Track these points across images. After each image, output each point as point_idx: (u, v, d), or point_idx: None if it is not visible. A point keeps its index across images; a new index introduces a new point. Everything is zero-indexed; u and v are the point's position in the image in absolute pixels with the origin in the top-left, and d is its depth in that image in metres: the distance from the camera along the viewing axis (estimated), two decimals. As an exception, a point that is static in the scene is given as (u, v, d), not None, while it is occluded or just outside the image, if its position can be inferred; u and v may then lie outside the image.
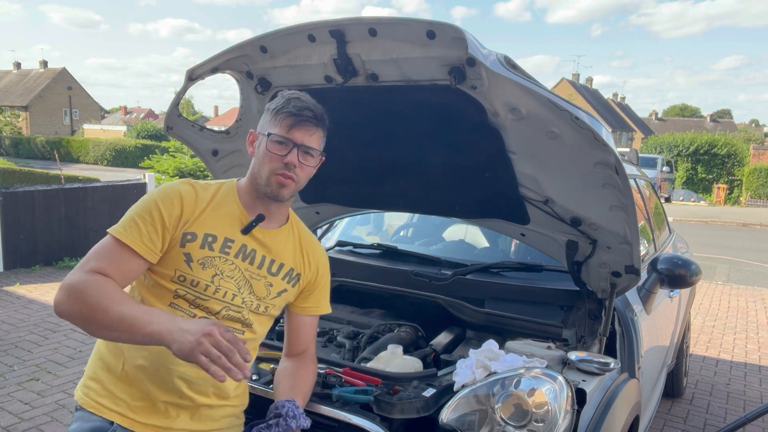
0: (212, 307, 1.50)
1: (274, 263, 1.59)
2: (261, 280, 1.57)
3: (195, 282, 1.48)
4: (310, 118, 1.49)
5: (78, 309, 1.31)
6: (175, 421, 1.50)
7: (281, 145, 1.48)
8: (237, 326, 1.55)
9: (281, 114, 1.49)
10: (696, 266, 2.62)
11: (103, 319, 1.29)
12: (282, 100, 1.51)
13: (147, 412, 1.48)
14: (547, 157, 1.85)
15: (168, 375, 1.47)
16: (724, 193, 24.34)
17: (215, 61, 1.91)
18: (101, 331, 1.32)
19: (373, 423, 1.60)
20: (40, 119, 44.39)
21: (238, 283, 1.53)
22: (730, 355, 5.29)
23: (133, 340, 1.31)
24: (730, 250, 11.60)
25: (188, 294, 1.48)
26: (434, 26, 1.55)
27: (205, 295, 1.49)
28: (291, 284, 1.64)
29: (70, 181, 12.14)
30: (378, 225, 3.57)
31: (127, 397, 1.48)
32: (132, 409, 1.48)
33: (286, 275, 1.62)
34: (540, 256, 2.45)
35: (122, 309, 1.29)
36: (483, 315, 2.34)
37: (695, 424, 3.88)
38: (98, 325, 1.31)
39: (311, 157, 1.53)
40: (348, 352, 2.20)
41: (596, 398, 1.77)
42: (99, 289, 1.33)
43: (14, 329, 5.09)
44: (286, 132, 1.48)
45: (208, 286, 1.49)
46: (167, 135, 2.24)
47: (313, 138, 1.51)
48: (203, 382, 1.51)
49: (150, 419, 1.48)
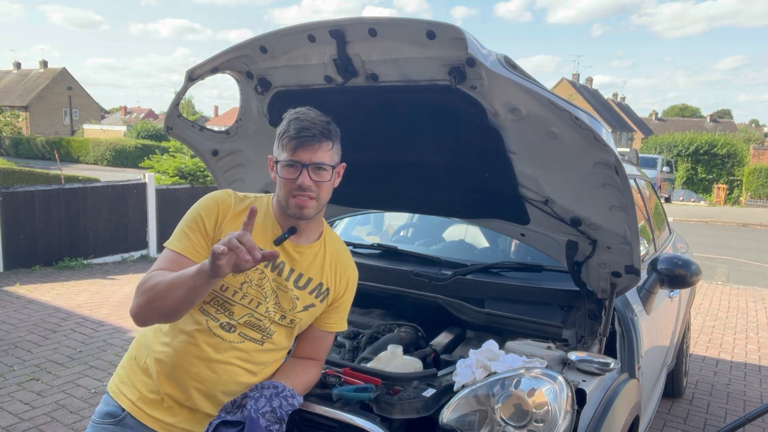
0: (237, 311, 1.55)
1: (301, 278, 1.62)
2: (288, 293, 1.60)
3: (225, 287, 1.54)
4: (309, 137, 1.50)
5: (146, 298, 1.43)
6: (178, 419, 1.54)
7: (291, 168, 1.51)
8: (256, 335, 1.58)
9: (284, 138, 1.52)
10: (696, 266, 2.62)
11: (163, 291, 1.40)
12: (284, 123, 1.54)
13: (155, 405, 1.55)
14: (547, 157, 1.85)
15: (183, 375, 1.53)
16: (724, 193, 24.35)
17: (215, 61, 1.91)
18: (169, 303, 1.41)
19: (373, 423, 1.60)
20: (40, 119, 44.39)
21: (265, 293, 1.57)
22: (730, 355, 5.29)
23: (193, 295, 1.39)
24: (730, 250, 11.60)
25: (217, 298, 1.55)
26: (434, 26, 1.55)
27: (232, 300, 1.55)
28: (319, 299, 1.66)
29: (70, 181, 12.15)
30: (378, 225, 3.57)
31: (143, 387, 1.57)
32: (144, 400, 1.56)
33: (314, 290, 1.64)
34: (540, 256, 2.45)
35: (172, 275, 1.42)
36: (483, 315, 2.34)
37: (695, 424, 3.88)
38: (163, 300, 1.41)
39: (324, 171, 1.53)
40: (348, 352, 2.20)
41: (596, 398, 1.77)
42: (157, 275, 1.46)
43: (14, 329, 5.09)
44: (291, 155, 1.50)
45: (236, 292, 1.54)
46: (167, 135, 2.24)
47: (319, 153, 1.52)
48: (213, 387, 1.53)
49: (156, 413, 1.55)
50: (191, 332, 1.54)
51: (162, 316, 1.46)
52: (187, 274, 1.37)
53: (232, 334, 1.55)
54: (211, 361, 1.53)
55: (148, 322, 1.49)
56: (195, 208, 1.59)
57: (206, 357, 1.53)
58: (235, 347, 1.55)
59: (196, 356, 1.53)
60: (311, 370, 1.70)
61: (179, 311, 1.44)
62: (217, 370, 1.53)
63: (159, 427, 1.54)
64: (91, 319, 5.46)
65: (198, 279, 1.35)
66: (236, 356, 1.55)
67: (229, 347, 1.54)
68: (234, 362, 1.55)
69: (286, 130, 1.52)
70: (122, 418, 1.56)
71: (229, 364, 1.54)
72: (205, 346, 1.53)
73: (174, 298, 1.40)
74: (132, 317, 1.48)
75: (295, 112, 1.55)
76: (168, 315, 1.45)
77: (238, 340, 1.55)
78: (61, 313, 5.62)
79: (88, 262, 7.78)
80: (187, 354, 1.53)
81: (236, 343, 1.55)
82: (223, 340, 1.54)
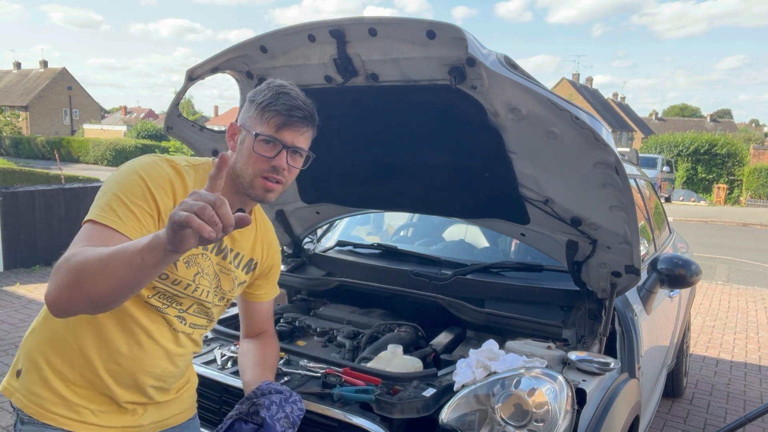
0: (185, 303, 1.44)
1: (238, 255, 1.55)
2: (230, 275, 1.53)
3: (177, 281, 1.39)
4: (300, 118, 1.37)
5: (72, 279, 1.11)
6: (142, 417, 1.47)
7: (269, 145, 1.36)
8: (202, 321, 1.52)
9: (269, 111, 1.35)
10: (696, 266, 2.62)
11: (96, 270, 1.09)
12: (270, 94, 1.37)
13: (113, 414, 1.41)
14: (548, 157, 1.85)
15: (144, 375, 1.41)
16: (724, 193, 24.34)
17: (215, 61, 1.91)
18: (103, 287, 1.09)
19: (373, 423, 1.60)
20: (40, 119, 44.38)
21: (211, 280, 1.47)
22: (730, 355, 5.29)
23: (139, 277, 1.08)
24: (730, 250, 11.59)
25: (167, 291, 1.39)
26: (434, 26, 1.55)
27: (183, 293, 1.42)
28: (248, 274, 1.62)
29: (70, 181, 12.13)
30: (378, 225, 3.57)
31: (89, 403, 1.38)
32: (97, 415, 1.38)
33: (246, 266, 1.60)
34: (540, 256, 2.45)
35: (107, 250, 1.10)
36: (483, 315, 2.34)
37: (695, 424, 3.88)
38: (95, 283, 1.09)
39: (300, 157, 1.42)
40: (348, 352, 2.20)
41: (596, 398, 1.77)
42: (85, 251, 1.15)
43: (14, 329, 5.09)
44: (274, 132, 1.35)
45: (189, 285, 1.41)
46: (167, 135, 2.25)
47: (302, 138, 1.40)
48: (172, 380, 1.51)
49: (117, 421, 1.42)
50: (147, 332, 1.38)
51: (91, 304, 1.13)
52: (132, 249, 1.05)
53: (185, 325, 1.47)
54: (172, 355, 1.46)
55: (70, 311, 1.16)
56: (140, 180, 1.30)
57: (168, 354, 1.44)
58: (190, 338, 1.51)
59: (157, 356, 1.42)
60: (273, 347, 1.74)
61: (116, 298, 1.13)
62: (178, 362, 1.49)
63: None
64: (91, 319, 5.46)
65: (150, 256, 1.04)
66: (192, 345, 1.53)
67: (186, 339, 1.49)
68: (191, 350, 1.53)
69: (272, 102, 1.35)
70: None
71: (187, 354, 1.53)
72: (166, 343, 1.43)
73: (111, 280, 1.08)
74: (48, 304, 1.15)
75: (281, 84, 1.40)
76: (99, 303, 1.13)
77: (190, 330, 1.49)
78: (61, 313, 5.62)
79: (88, 262, 7.78)
80: (148, 356, 1.39)
81: (190, 334, 1.50)
82: (180, 333, 1.46)
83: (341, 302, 2.61)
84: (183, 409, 1.60)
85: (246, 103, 1.43)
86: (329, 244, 3.09)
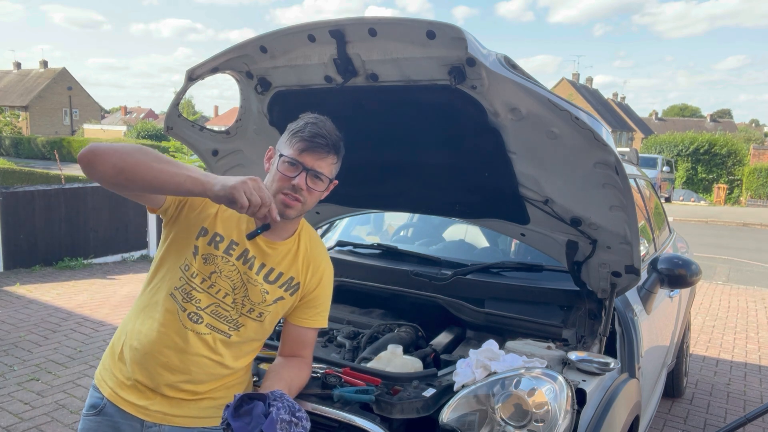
0: (203, 300, 1.55)
1: (272, 272, 1.61)
2: (257, 287, 1.59)
3: (195, 274, 1.55)
4: (322, 145, 1.53)
5: (123, 149, 1.34)
6: (151, 402, 1.57)
7: (291, 166, 1.53)
8: (224, 327, 1.57)
9: (296, 137, 1.54)
10: (696, 266, 2.62)
11: (153, 155, 1.35)
12: (300, 123, 1.57)
13: (130, 390, 1.58)
14: (547, 157, 1.85)
15: (153, 363, 1.55)
16: (724, 193, 24.35)
17: (215, 61, 1.91)
18: (142, 171, 1.33)
19: (373, 423, 1.60)
20: (40, 119, 44.41)
21: (234, 284, 1.57)
22: (730, 355, 5.29)
23: (172, 187, 1.34)
24: (730, 250, 11.60)
25: (185, 285, 1.55)
26: (434, 26, 1.55)
27: (200, 287, 1.55)
28: (289, 293, 1.65)
29: (71, 181, 12.13)
30: (378, 225, 3.57)
31: (119, 373, 1.60)
32: (120, 385, 1.59)
33: (285, 284, 1.64)
34: (540, 256, 2.45)
35: (167, 157, 1.37)
36: (483, 315, 2.34)
37: (695, 424, 3.88)
38: (138, 166, 1.32)
39: (320, 181, 1.56)
40: (348, 352, 2.20)
41: (596, 398, 1.77)
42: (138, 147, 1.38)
43: (14, 329, 5.09)
44: (297, 155, 1.52)
45: (205, 280, 1.55)
46: (167, 135, 2.24)
47: (323, 163, 1.55)
48: (182, 377, 1.55)
49: (131, 397, 1.57)
50: (162, 321, 1.55)
51: (119, 172, 1.33)
52: (185, 170, 1.33)
53: (200, 325, 1.55)
54: (180, 352, 1.54)
55: (96, 164, 1.33)
56: None
57: (177, 348, 1.54)
58: (203, 339, 1.55)
59: (167, 346, 1.54)
60: (302, 371, 1.70)
61: (144, 185, 1.34)
62: (186, 361, 1.54)
63: (134, 411, 1.56)
64: (91, 319, 5.46)
65: (193, 184, 1.32)
66: (205, 347, 1.55)
67: (197, 339, 1.54)
68: (203, 353, 1.55)
69: (300, 129, 1.55)
70: (103, 407, 1.59)
71: (198, 356, 1.55)
72: (175, 337, 1.54)
73: (152, 171, 1.32)
74: (89, 148, 1.33)
75: (315, 116, 1.59)
76: (124, 182, 1.34)
77: (206, 332, 1.55)
78: (61, 313, 5.62)
79: (89, 262, 7.78)
80: (158, 343, 1.54)
81: (204, 335, 1.55)
82: (190, 331, 1.54)
83: (341, 302, 2.61)
84: (195, 415, 1.60)
85: (284, 132, 1.62)
86: (329, 244, 3.08)
